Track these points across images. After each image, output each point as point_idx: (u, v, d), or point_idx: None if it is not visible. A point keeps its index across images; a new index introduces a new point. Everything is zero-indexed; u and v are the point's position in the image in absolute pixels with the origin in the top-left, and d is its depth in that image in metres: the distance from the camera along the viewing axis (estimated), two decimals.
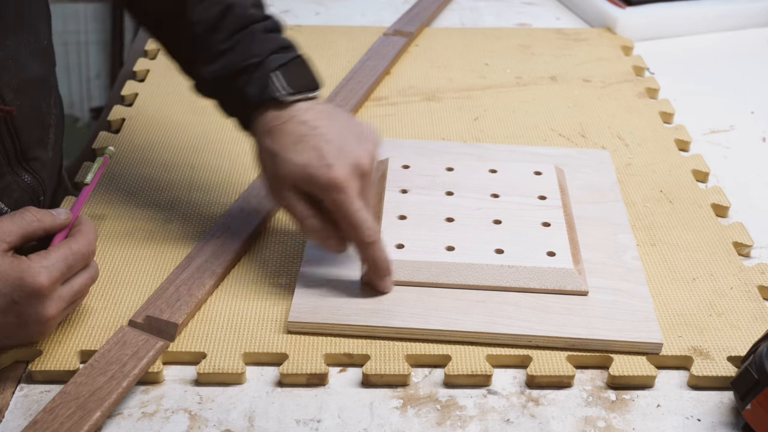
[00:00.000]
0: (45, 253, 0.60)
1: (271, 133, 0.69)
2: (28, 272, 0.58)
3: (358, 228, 0.66)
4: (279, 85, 0.69)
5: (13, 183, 0.75)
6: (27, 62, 0.74)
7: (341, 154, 0.66)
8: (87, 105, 2.18)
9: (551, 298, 0.70)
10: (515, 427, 0.62)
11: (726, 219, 0.84)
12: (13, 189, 0.75)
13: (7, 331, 0.60)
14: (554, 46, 1.18)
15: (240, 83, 0.70)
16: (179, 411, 0.62)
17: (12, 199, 0.74)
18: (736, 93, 1.09)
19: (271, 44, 0.72)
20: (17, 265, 0.58)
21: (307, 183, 0.66)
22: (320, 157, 0.66)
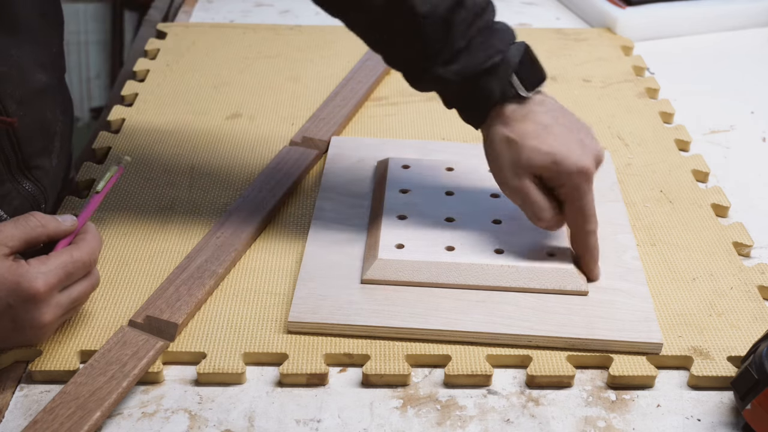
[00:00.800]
0: (45, 259, 0.60)
1: (510, 123, 0.70)
2: (24, 277, 0.58)
3: (590, 217, 0.70)
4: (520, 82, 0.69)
5: (13, 191, 0.75)
6: (33, 72, 0.74)
7: (584, 146, 0.69)
8: (87, 105, 2.18)
9: (551, 298, 0.70)
10: (515, 427, 0.62)
11: (726, 219, 0.84)
12: (13, 197, 0.75)
13: (3, 334, 0.60)
14: (554, 46, 1.18)
15: (482, 82, 0.69)
16: (179, 411, 0.62)
17: (12, 207, 0.74)
18: (736, 93, 1.09)
19: (506, 37, 0.70)
20: (15, 269, 0.58)
21: (553, 169, 0.68)
22: (566, 146, 0.68)
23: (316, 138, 0.92)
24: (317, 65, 1.11)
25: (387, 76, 1.08)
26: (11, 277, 0.58)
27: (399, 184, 0.81)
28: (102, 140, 0.93)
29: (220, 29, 1.21)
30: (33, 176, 0.76)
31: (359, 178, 0.85)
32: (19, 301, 0.58)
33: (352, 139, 0.92)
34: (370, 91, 1.03)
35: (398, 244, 0.73)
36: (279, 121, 0.98)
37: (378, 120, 0.98)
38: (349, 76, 1.05)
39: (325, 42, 1.17)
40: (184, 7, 1.32)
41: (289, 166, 0.87)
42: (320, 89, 1.04)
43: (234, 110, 1.00)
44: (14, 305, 0.58)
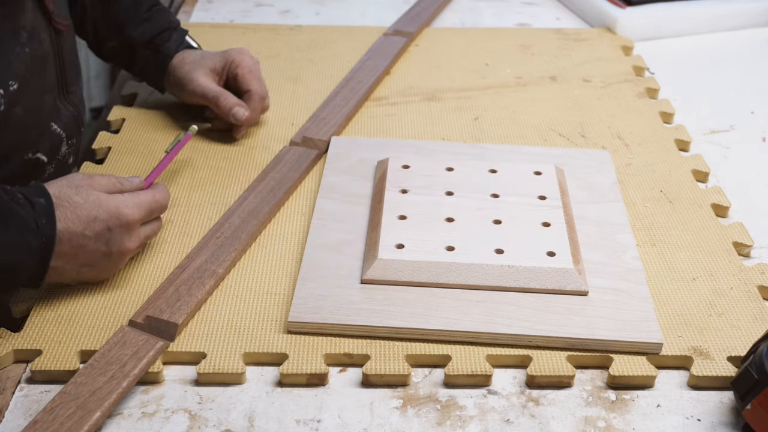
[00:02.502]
0: (136, 194, 0.70)
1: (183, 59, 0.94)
2: (123, 204, 0.68)
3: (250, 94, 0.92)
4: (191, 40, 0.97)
5: (63, 108, 0.84)
6: None
7: None
8: (87, 105, 2.18)
9: (551, 298, 0.70)
10: (515, 427, 0.62)
11: (726, 219, 0.84)
12: (63, 114, 0.84)
13: (94, 258, 0.68)
14: (554, 46, 1.18)
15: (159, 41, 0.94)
16: (179, 411, 0.62)
17: (63, 123, 0.84)
18: (736, 93, 1.09)
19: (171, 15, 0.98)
20: (113, 198, 0.68)
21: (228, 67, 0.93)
22: None
23: (316, 138, 0.92)
24: (317, 65, 1.11)
25: (387, 76, 1.08)
26: (112, 203, 0.68)
27: (399, 184, 0.81)
28: (102, 140, 0.93)
29: (220, 29, 1.21)
30: (71, 100, 0.85)
31: (359, 178, 0.85)
32: (116, 225, 0.68)
33: (352, 139, 0.92)
34: (370, 91, 1.03)
35: (398, 244, 0.73)
36: (279, 121, 0.98)
37: (378, 120, 0.98)
38: (349, 76, 1.05)
39: (325, 42, 1.17)
40: (184, 7, 1.32)
41: (289, 166, 0.87)
42: (320, 89, 1.04)
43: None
44: (112, 228, 0.67)
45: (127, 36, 0.94)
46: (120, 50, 0.96)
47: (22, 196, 0.64)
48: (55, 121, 0.82)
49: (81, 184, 0.68)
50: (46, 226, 0.64)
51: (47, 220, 0.64)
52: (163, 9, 0.98)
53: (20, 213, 0.63)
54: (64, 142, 0.84)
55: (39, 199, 0.65)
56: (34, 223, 0.63)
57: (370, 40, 1.16)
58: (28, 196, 0.65)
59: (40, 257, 0.64)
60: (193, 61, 0.94)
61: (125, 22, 0.94)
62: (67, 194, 0.66)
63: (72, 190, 0.67)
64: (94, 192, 0.68)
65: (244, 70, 0.92)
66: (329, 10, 1.31)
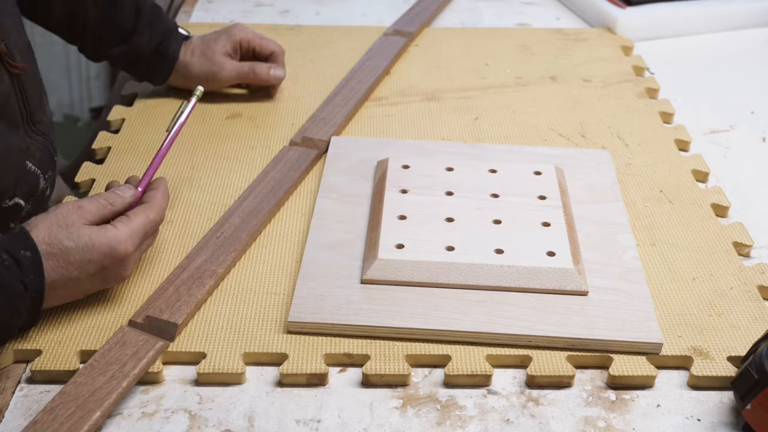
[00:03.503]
0: (127, 221, 0.67)
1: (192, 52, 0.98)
2: (114, 240, 0.66)
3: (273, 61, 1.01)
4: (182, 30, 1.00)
5: (32, 144, 0.80)
6: (22, 28, 0.81)
7: None
8: (87, 105, 2.18)
9: (551, 298, 0.70)
10: (515, 427, 0.62)
11: (726, 219, 0.84)
12: (34, 149, 0.80)
13: (91, 290, 0.68)
14: (554, 46, 1.18)
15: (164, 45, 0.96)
16: (179, 411, 0.62)
17: (36, 159, 0.80)
18: (736, 93, 1.09)
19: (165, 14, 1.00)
20: (105, 233, 0.66)
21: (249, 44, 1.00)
22: None
23: (316, 138, 0.92)
24: (317, 65, 1.11)
25: (387, 76, 1.08)
26: (105, 241, 0.65)
27: (399, 184, 0.81)
28: (102, 140, 0.93)
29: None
30: (38, 130, 0.81)
31: (359, 178, 0.85)
32: (112, 263, 0.66)
33: (352, 139, 0.92)
34: (370, 91, 1.03)
35: (398, 244, 0.73)
36: (279, 121, 0.98)
37: (378, 120, 0.98)
38: (349, 76, 1.05)
39: (325, 42, 1.17)
40: (184, 7, 1.32)
41: (289, 166, 0.87)
42: (320, 89, 1.04)
43: (234, 110, 1.00)
44: (108, 266, 0.66)
45: (135, 45, 0.95)
46: (124, 57, 0.96)
47: (7, 255, 0.61)
48: (29, 159, 0.78)
49: (70, 222, 0.65)
50: (34, 281, 0.62)
51: (35, 275, 0.62)
52: (160, 10, 0.99)
53: (6, 278, 0.60)
54: (42, 178, 0.80)
55: (25, 252, 0.62)
56: (22, 285, 0.61)
57: (370, 40, 1.16)
58: (12, 251, 0.62)
59: (30, 311, 0.64)
60: (203, 53, 0.98)
61: (131, 30, 0.94)
62: (58, 239, 0.64)
63: (62, 232, 0.64)
64: (84, 229, 0.65)
65: (255, 40, 1.00)
66: (329, 10, 1.31)
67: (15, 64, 0.76)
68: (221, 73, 0.98)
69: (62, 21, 0.93)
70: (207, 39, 0.99)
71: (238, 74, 0.99)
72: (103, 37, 0.94)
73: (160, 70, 0.98)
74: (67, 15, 0.92)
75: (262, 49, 1.00)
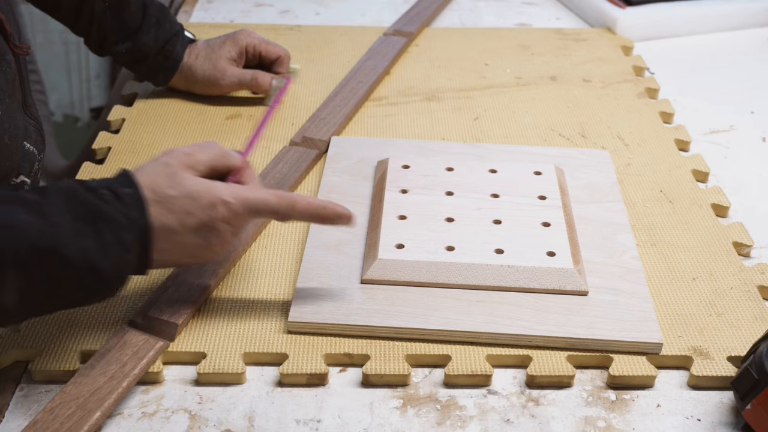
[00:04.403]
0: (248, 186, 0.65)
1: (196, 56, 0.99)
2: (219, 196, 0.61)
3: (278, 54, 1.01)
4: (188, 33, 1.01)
5: (29, 125, 0.80)
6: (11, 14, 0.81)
7: None
8: (87, 105, 2.18)
9: (551, 298, 0.70)
10: (515, 427, 0.62)
11: (726, 219, 0.84)
12: (31, 131, 0.80)
13: (193, 251, 0.63)
14: (554, 46, 1.18)
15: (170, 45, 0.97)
16: (179, 411, 0.62)
17: (32, 139, 0.80)
18: (736, 93, 1.09)
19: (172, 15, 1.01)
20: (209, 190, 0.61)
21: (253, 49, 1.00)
22: None
23: (316, 138, 0.92)
24: (317, 65, 1.11)
25: (387, 76, 1.08)
26: (207, 198, 0.61)
27: (399, 184, 0.81)
28: (102, 140, 0.93)
29: (220, 29, 1.20)
30: (30, 113, 0.82)
31: (359, 178, 0.85)
32: (214, 219, 0.61)
33: (352, 139, 0.92)
34: (370, 91, 1.03)
35: (398, 244, 0.73)
36: (279, 121, 0.98)
37: (378, 120, 0.98)
38: (349, 76, 1.05)
39: (325, 42, 1.17)
40: (185, 7, 1.32)
41: (289, 166, 0.87)
42: (320, 89, 1.04)
43: (234, 110, 1.00)
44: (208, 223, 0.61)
45: (140, 42, 0.95)
46: (129, 54, 0.97)
47: (108, 190, 0.59)
48: (27, 140, 0.80)
49: (175, 171, 0.61)
50: (138, 219, 0.59)
51: (138, 212, 0.59)
52: (167, 10, 0.99)
53: (108, 211, 0.57)
54: (36, 159, 0.81)
55: (125, 189, 0.59)
56: (125, 218, 0.58)
57: (370, 40, 1.16)
58: (113, 188, 0.59)
59: (139, 250, 0.59)
60: (207, 57, 0.98)
61: (137, 28, 0.95)
62: (160, 185, 0.60)
63: (167, 180, 0.61)
64: (190, 179, 0.61)
65: (261, 45, 1.00)
66: (329, 10, 1.31)
67: (19, 45, 0.77)
68: (223, 79, 0.98)
69: (69, 11, 0.94)
70: (212, 43, 0.99)
71: (240, 81, 0.99)
72: (109, 32, 0.95)
73: (164, 70, 0.98)
74: (74, 5, 0.93)
75: (268, 54, 1.00)
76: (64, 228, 0.56)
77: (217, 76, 0.98)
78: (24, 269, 0.54)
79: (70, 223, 0.56)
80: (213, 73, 0.98)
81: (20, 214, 0.55)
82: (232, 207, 0.62)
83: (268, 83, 0.99)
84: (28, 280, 0.55)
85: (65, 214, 0.56)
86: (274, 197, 0.64)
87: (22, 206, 0.55)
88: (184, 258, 0.64)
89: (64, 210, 0.56)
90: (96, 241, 0.56)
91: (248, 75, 0.98)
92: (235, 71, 0.98)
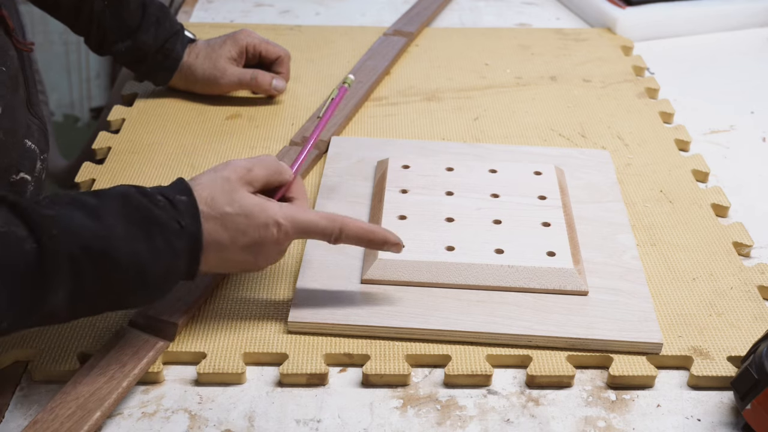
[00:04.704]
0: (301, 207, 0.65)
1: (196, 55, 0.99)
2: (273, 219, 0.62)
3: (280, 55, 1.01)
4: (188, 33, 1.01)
5: (33, 124, 0.80)
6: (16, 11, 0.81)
7: None
8: (87, 105, 2.18)
9: (551, 298, 0.70)
10: (515, 427, 0.62)
11: (726, 219, 0.84)
12: (34, 130, 0.80)
13: (239, 266, 0.65)
14: (554, 46, 1.18)
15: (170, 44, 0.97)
16: (179, 411, 0.62)
17: (35, 138, 0.80)
18: (736, 93, 1.09)
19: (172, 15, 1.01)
20: (265, 211, 0.62)
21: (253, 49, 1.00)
22: None
23: None
24: (317, 65, 1.11)
25: (387, 76, 1.08)
26: (263, 218, 0.62)
27: (399, 184, 0.81)
28: (102, 140, 0.93)
29: (220, 29, 1.20)
30: (35, 113, 0.82)
31: (359, 178, 0.85)
32: (265, 241, 0.62)
33: (352, 139, 0.92)
34: (370, 91, 1.03)
35: None
36: (279, 121, 0.98)
37: (378, 120, 0.98)
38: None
39: (325, 42, 1.17)
40: (184, 7, 1.32)
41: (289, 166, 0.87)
42: (320, 89, 1.04)
43: (234, 110, 1.00)
44: (261, 243, 0.62)
45: (140, 41, 0.95)
46: (129, 53, 0.97)
47: (162, 197, 0.59)
48: (29, 138, 0.79)
49: (234, 188, 0.62)
50: (190, 225, 0.59)
51: (191, 220, 0.59)
52: (167, 9, 0.99)
53: (161, 217, 0.58)
54: (38, 158, 0.81)
55: (180, 197, 0.60)
56: (177, 224, 0.59)
57: (370, 40, 1.16)
58: (167, 195, 0.60)
59: (189, 258, 0.60)
60: (207, 56, 0.98)
61: (137, 27, 0.95)
62: (218, 202, 0.61)
63: (224, 197, 0.61)
64: (247, 198, 0.62)
65: (261, 45, 1.00)
66: (329, 10, 1.31)
67: (22, 41, 0.77)
68: (223, 78, 0.98)
69: (69, 10, 0.94)
70: (212, 43, 0.99)
71: (239, 81, 0.99)
72: (108, 31, 0.95)
73: (163, 69, 0.98)
74: (73, 5, 0.93)
75: (268, 53, 1.00)
76: (118, 232, 0.56)
77: (216, 76, 0.98)
78: (77, 272, 0.55)
79: (124, 227, 0.56)
80: (213, 72, 0.98)
81: (76, 217, 0.55)
82: (284, 228, 0.63)
83: (267, 83, 0.99)
84: (79, 283, 0.55)
85: (119, 217, 0.57)
86: (324, 220, 0.65)
87: (79, 209, 0.56)
88: (229, 270, 0.67)
89: (118, 214, 0.57)
90: (147, 245, 0.57)
91: (248, 74, 0.98)
92: (235, 71, 0.98)
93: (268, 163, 0.66)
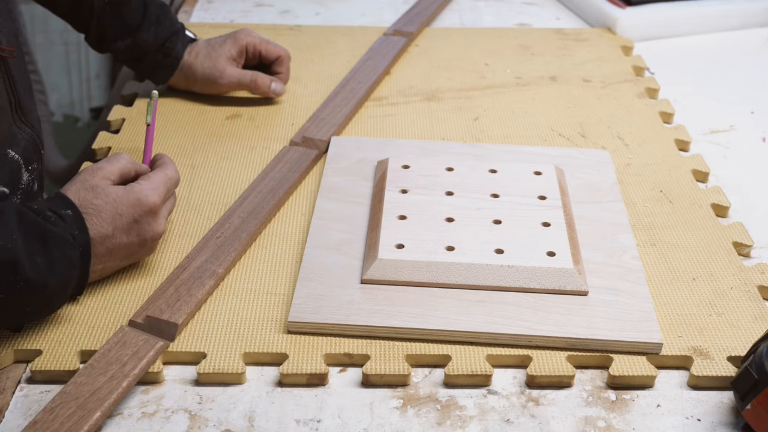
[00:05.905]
0: (148, 177, 0.71)
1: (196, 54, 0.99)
2: (142, 193, 0.69)
3: None
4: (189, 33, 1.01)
5: (19, 133, 0.80)
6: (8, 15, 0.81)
7: None
8: (87, 105, 2.18)
9: (551, 298, 0.70)
10: (515, 427, 0.62)
11: (726, 219, 0.84)
12: (20, 138, 0.80)
13: (130, 250, 0.70)
14: (554, 46, 1.18)
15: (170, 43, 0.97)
16: (179, 411, 0.62)
17: (20, 148, 0.80)
18: (736, 93, 1.09)
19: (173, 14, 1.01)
20: (130, 190, 0.69)
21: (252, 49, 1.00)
22: None
23: (316, 138, 0.92)
24: (317, 65, 1.11)
25: (387, 76, 1.08)
26: (131, 195, 0.69)
27: (399, 184, 0.81)
28: (102, 140, 0.93)
29: (220, 29, 1.20)
30: (26, 121, 0.82)
31: (359, 178, 0.85)
32: (141, 215, 0.69)
33: (352, 139, 0.92)
34: (370, 91, 1.03)
35: (398, 244, 0.73)
36: (279, 121, 0.98)
37: (378, 120, 0.98)
38: (349, 76, 1.05)
39: (325, 42, 1.17)
40: (185, 7, 1.32)
41: (289, 166, 0.87)
42: (320, 89, 1.04)
43: (234, 110, 1.00)
44: (139, 219, 0.69)
45: (140, 40, 0.95)
46: (129, 51, 0.97)
47: (51, 212, 0.65)
48: (11, 147, 0.78)
49: (96, 184, 0.69)
50: (79, 236, 0.66)
51: (79, 230, 0.66)
52: (168, 8, 0.99)
53: (55, 231, 0.64)
54: (24, 169, 0.80)
55: (66, 211, 0.66)
56: (70, 236, 0.65)
57: (370, 40, 1.16)
58: (56, 210, 0.66)
59: (82, 267, 0.66)
60: (207, 55, 0.98)
61: (137, 25, 0.95)
62: (87, 199, 0.68)
63: (90, 194, 0.68)
64: (110, 188, 0.69)
65: (261, 45, 1.00)
66: (329, 10, 1.31)
67: (4, 47, 0.76)
68: (222, 78, 0.98)
69: (68, 6, 0.94)
70: (213, 43, 0.99)
71: (239, 81, 0.99)
72: (108, 28, 0.95)
73: (163, 68, 0.98)
74: (73, 1, 0.93)
75: (268, 53, 1.00)
76: (20, 245, 0.61)
77: (216, 75, 0.98)
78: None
79: (23, 242, 0.61)
80: (213, 71, 0.98)
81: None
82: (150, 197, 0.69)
83: (266, 86, 0.99)
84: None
85: (20, 233, 0.62)
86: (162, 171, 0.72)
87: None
88: (123, 259, 0.71)
89: (17, 229, 0.62)
90: (45, 259, 0.62)
91: (248, 76, 0.98)
92: (234, 71, 0.98)
93: (118, 158, 0.72)
